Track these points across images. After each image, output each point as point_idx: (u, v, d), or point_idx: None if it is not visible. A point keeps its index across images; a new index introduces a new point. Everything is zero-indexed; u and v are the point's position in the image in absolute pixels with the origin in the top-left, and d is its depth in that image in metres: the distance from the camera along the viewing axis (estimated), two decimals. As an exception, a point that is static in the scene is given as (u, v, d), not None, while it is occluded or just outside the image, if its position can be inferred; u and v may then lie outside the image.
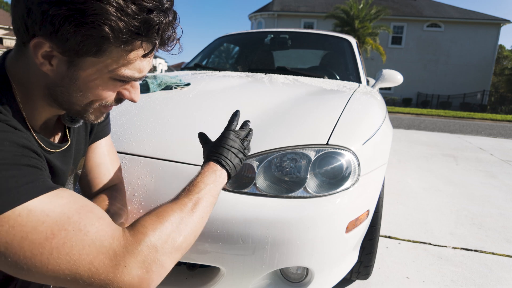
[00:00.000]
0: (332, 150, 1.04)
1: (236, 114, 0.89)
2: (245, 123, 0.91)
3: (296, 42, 2.90)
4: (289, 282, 1.04)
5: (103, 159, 0.87)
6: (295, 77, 2.07)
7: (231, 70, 2.41)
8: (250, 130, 0.90)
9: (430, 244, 1.95)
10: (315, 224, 0.93)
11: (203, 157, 0.83)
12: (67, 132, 0.74)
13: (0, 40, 34.53)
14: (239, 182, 1.00)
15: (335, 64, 2.60)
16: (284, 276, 1.04)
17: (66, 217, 0.50)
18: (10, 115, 0.56)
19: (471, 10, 23.22)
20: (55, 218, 0.49)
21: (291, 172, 1.01)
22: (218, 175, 0.74)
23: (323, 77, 2.16)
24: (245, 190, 0.98)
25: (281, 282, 1.04)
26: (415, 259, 1.77)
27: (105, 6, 0.50)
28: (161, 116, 1.21)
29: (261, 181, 0.99)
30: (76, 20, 0.50)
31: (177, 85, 1.53)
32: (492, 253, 1.89)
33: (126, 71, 0.58)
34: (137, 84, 0.66)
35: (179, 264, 1.03)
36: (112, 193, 0.85)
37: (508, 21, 21.81)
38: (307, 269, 1.01)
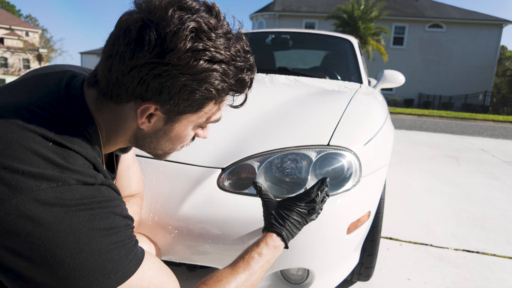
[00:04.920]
0: (333, 151, 1.03)
1: (323, 182, 0.86)
2: (323, 186, 0.87)
3: (298, 42, 2.89)
4: (289, 283, 1.04)
5: (129, 171, 0.90)
6: (296, 77, 2.07)
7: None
8: (325, 197, 0.87)
9: (431, 245, 1.94)
10: (316, 225, 0.93)
11: (264, 219, 0.85)
12: (115, 158, 0.79)
13: (1, 40, 34.61)
14: (240, 182, 1.00)
15: (337, 64, 2.60)
16: (285, 277, 1.04)
17: None
18: (98, 157, 0.60)
19: (473, 11, 23.17)
20: None
21: (292, 173, 1.01)
22: (277, 250, 0.79)
23: (324, 78, 2.16)
24: (246, 191, 0.97)
25: (281, 284, 1.03)
26: (417, 260, 1.77)
27: (214, 73, 0.55)
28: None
29: (262, 182, 0.99)
30: (190, 88, 0.55)
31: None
32: (494, 254, 1.89)
33: (213, 119, 0.65)
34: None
35: (179, 265, 1.03)
36: (130, 204, 0.88)
37: (510, 22, 21.75)
38: (308, 270, 1.00)
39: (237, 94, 0.63)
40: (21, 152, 0.49)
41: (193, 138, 0.70)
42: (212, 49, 0.54)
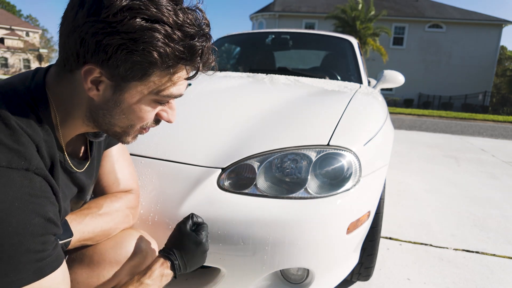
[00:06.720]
0: (333, 151, 1.04)
1: (188, 218, 0.84)
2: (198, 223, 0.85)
3: (297, 42, 2.89)
4: (289, 283, 1.04)
5: (114, 167, 0.87)
6: (296, 77, 2.07)
7: (232, 71, 2.41)
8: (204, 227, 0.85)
9: (431, 245, 1.94)
10: (316, 225, 0.93)
11: (167, 240, 0.82)
12: (89, 145, 0.76)
13: (1, 40, 34.60)
14: (240, 182, 1.00)
15: (336, 64, 2.60)
16: (285, 277, 1.04)
17: None
18: (47, 138, 0.59)
19: (472, 11, 23.16)
20: None
21: (292, 173, 1.01)
22: (164, 279, 0.75)
23: (324, 78, 2.16)
24: (246, 191, 0.97)
25: (281, 283, 1.03)
26: (416, 260, 1.77)
27: (155, 34, 0.53)
28: (162, 116, 1.20)
29: (261, 182, 0.99)
30: (127, 48, 0.53)
31: (178, 86, 1.53)
32: (494, 254, 1.89)
33: (167, 92, 0.61)
34: (175, 105, 0.68)
35: (179, 264, 1.03)
36: (117, 198, 0.86)
37: (510, 22, 21.75)
38: (308, 270, 1.00)
39: (189, 65, 0.60)
40: None
41: (157, 121, 0.67)
42: (153, 9, 0.53)
